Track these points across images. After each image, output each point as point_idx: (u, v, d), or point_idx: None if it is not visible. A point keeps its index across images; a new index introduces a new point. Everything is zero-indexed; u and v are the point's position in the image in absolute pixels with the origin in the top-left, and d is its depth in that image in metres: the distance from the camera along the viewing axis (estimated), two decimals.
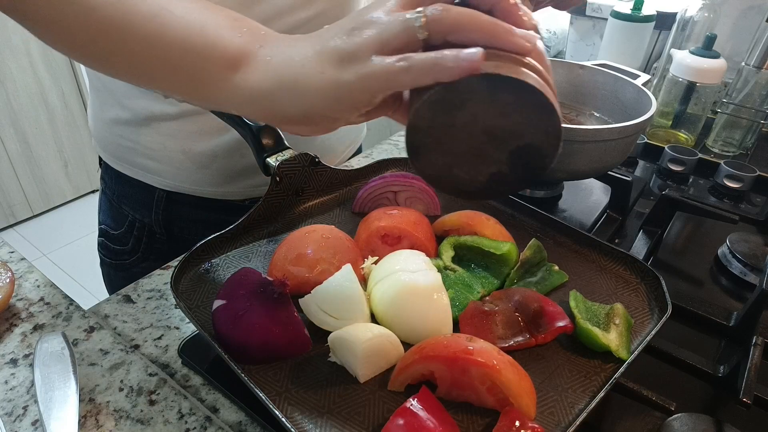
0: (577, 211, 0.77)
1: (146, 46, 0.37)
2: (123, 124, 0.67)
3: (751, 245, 0.68)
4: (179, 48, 0.36)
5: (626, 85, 0.77)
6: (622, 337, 0.48)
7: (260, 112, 0.38)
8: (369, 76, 0.33)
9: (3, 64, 2.14)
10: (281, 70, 0.35)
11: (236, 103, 0.38)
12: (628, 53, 1.14)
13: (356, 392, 0.45)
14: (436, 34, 0.32)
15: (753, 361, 0.48)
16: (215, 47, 0.36)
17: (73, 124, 2.48)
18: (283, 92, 0.35)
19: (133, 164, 0.70)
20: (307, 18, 0.61)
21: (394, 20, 0.32)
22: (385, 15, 0.33)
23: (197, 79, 0.38)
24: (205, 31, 0.36)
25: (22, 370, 0.48)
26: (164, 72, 0.38)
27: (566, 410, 0.43)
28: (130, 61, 0.38)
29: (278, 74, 0.35)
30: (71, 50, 0.40)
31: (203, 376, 0.49)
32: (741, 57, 0.97)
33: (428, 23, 0.31)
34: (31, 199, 2.46)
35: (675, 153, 0.87)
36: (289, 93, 0.35)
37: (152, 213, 0.72)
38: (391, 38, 0.32)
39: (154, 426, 0.44)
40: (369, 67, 0.33)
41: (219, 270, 0.56)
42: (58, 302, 0.55)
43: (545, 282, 0.56)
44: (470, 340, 0.43)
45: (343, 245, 0.55)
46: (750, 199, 0.84)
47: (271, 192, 0.61)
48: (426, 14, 0.31)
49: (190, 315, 0.46)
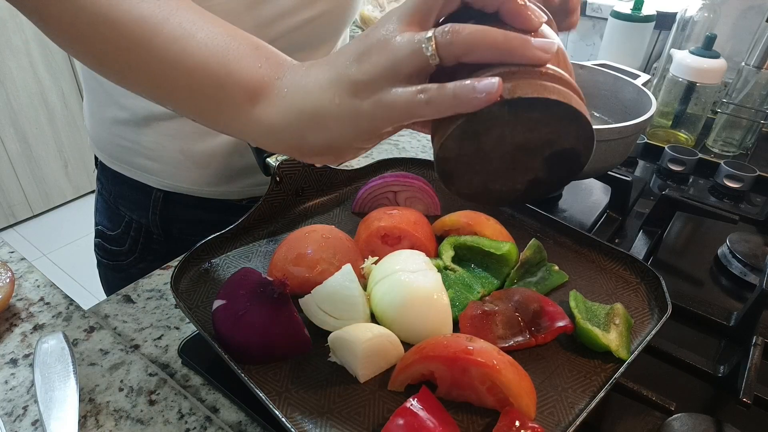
0: (577, 211, 0.77)
1: (167, 68, 0.37)
2: (121, 124, 0.67)
3: (751, 245, 0.68)
4: (199, 75, 0.36)
5: (626, 85, 0.77)
6: (622, 337, 0.48)
7: (281, 144, 0.37)
8: (389, 107, 0.32)
9: (3, 64, 2.14)
10: (299, 103, 0.35)
11: (255, 135, 0.38)
12: (628, 53, 1.14)
13: (356, 392, 0.45)
14: (449, 58, 0.31)
15: (753, 361, 0.48)
16: (235, 78, 0.36)
17: (72, 124, 2.48)
18: (303, 125, 0.35)
19: (131, 164, 0.70)
20: (310, 18, 0.61)
21: (403, 46, 0.31)
22: (393, 36, 0.32)
23: (215, 107, 0.37)
24: (225, 60, 0.36)
25: (22, 370, 0.48)
26: (183, 95, 0.38)
27: (566, 410, 0.43)
28: (149, 80, 0.38)
29: (297, 107, 0.35)
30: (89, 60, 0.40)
31: (203, 376, 0.49)
32: (741, 57, 0.97)
33: (439, 49, 0.31)
34: (31, 199, 2.46)
35: (675, 153, 0.87)
36: (309, 125, 0.35)
37: (149, 213, 0.72)
38: (403, 66, 0.32)
39: (154, 426, 0.44)
40: (388, 97, 0.32)
41: (219, 270, 0.56)
42: (58, 302, 0.55)
43: (545, 282, 0.56)
44: (470, 340, 0.43)
45: (343, 245, 0.55)
46: (750, 199, 0.84)
47: (271, 192, 0.61)
48: (436, 39, 0.31)
49: (190, 315, 0.46)
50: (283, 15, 0.59)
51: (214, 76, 0.36)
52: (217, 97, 0.37)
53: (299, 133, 0.36)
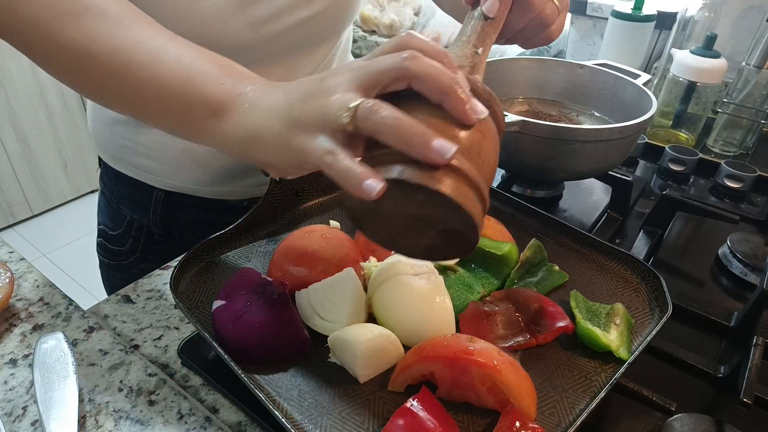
0: (577, 211, 0.77)
1: (139, 91, 0.42)
2: (123, 123, 0.67)
3: (752, 245, 0.68)
4: (167, 95, 0.41)
5: (627, 85, 0.77)
6: (623, 337, 0.48)
7: (237, 155, 0.42)
8: (305, 153, 0.36)
9: (3, 64, 2.14)
10: (250, 123, 0.39)
11: (216, 146, 0.42)
12: (629, 53, 1.13)
13: (356, 392, 0.44)
14: (363, 131, 0.34)
15: (753, 362, 0.48)
16: (198, 96, 0.40)
17: (72, 124, 2.48)
18: (250, 141, 0.39)
19: (132, 164, 0.70)
20: (307, 17, 0.61)
21: (334, 104, 0.35)
22: (335, 90, 0.36)
23: (184, 122, 0.42)
24: (190, 80, 0.40)
25: (21, 371, 0.48)
26: (155, 113, 0.43)
27: (567, 410, 0.43)
28: (125, 102, 0.44)
29: (247, 127, 0.39)
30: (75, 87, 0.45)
31: (203, 376, 0.49)
32: (741, 57, 0.97)
33: (356, 120, 0.34)
34: (31, 199, 2.46)
35: (675, 153, 0.87)
36: (255, 144, 0.39)
37: (150, 213, 0.72)
38: (329, 121, 0.35)
39: (154, 426, 0.44)
40: (308, 143, 0.36)
41: (219, 270, 0.56)
42: (58, 302, 0.55)
43: (546, 282, 0.56)
44: (470, 340, 0.43)
45: (343, 245, 0.55)
46: (750, 199, 0.84)
47: (271, 192, 0.60)
48: (357, 111, 0.34)
49: (189, 315, 0.46)
50: (278, 14, 0.59)
51: (180, 95, 0.41)
52: (184, 112, 0.41)
53: (248, 148, 0.40)
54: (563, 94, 0.83)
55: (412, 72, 0.34)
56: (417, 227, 0.37)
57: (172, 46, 0.42)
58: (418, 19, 1.57)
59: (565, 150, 0.65)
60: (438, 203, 0.34)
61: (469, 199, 0.34)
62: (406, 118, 0.33)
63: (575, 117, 0.81)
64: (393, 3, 1.61)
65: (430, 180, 0.33)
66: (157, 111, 0.43)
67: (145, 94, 0.42)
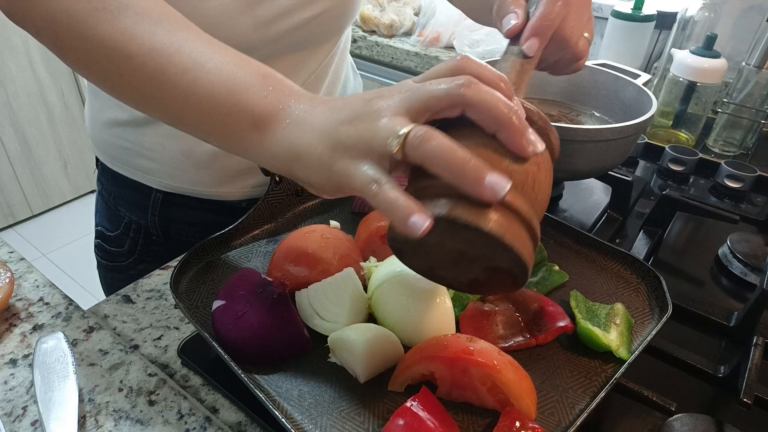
0: (577, 210, 0.77)
1: (178, 97, 0.39)
2: (122, 125, 0.67)
3: (752, 245, 0.68)
4: (209, 104, 0.39)
5: (627, 85, 0.77)
6: (623, 337, 0.48)
7: (276, 169, 0.40)
8: (349, 178, 0.34)
9: (3, 64, 2.13)
10: (293, 139, 0.37)
11: (255, 158, 0.40)
12: (629, 53, 1.14)
13: (356, 392, 0.44)
14: (412, 160, 0.33)
15: (753, 361, 0.48)
16: (241, 106, 0.38)
17: (72, 125, 2.47)
18: (291, 159, 0.38)
19: (131, 165, 0.69)
20: (310, 17, 0.61)
21: (382, 130, 0.33)
22: (384, 115, 0.34)
23: (223, 132, 0.40)
24: (233, 90, 0.38)
25: (21, 371, 0.48)
26: (193, 121, 0.41)
27: (567, 411, 0.43)
28: (162, 107, 0.41)
29: (289, 142, 0.38)
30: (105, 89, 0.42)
31: (203, 376, 0.49)
32: (741, 57, 0.97)
33: (405, 147, 0.32)
34: (31, 199, 2.46)
35: (675, 153, 0.87)
36: (296, 162, 0.38)
37: (148, 215, 0.72)
38: (375, 147, 0.34)
39: (154, 426, 0.44)
40: (352, 170, 0.34)
41: (219, 270, 0.56)
42: (58, 302, 0.55)
43: (545, 282, 0.56)
44: (470, 340, 0.43)
45: (343, 245, 0.55)
46: (750, 199, 0.84)
47: (271, 192, 0.60)
48: (407, 139, 0.32)
49: (189, 315, 0.46)
50: (282, 15, 0.59)
51: (223, 105, 0.38)
52: (225, 123, 0.39)
53: (288, 165, 0.38)
54: (563, 94, 0.83)
55: (468, 100, 0.33)
56: (462, 262, 0.36)
57: (214, 50, 0.40)
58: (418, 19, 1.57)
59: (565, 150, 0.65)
60: (486, 242, 0.32)
61: (520, 238, 0.33)
62: (458, 150, 0.31)
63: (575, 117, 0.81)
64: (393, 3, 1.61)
65: (480, 219, 0.31)
66: (195, 119, 0.40)
67: (183, 102, 0.39)
